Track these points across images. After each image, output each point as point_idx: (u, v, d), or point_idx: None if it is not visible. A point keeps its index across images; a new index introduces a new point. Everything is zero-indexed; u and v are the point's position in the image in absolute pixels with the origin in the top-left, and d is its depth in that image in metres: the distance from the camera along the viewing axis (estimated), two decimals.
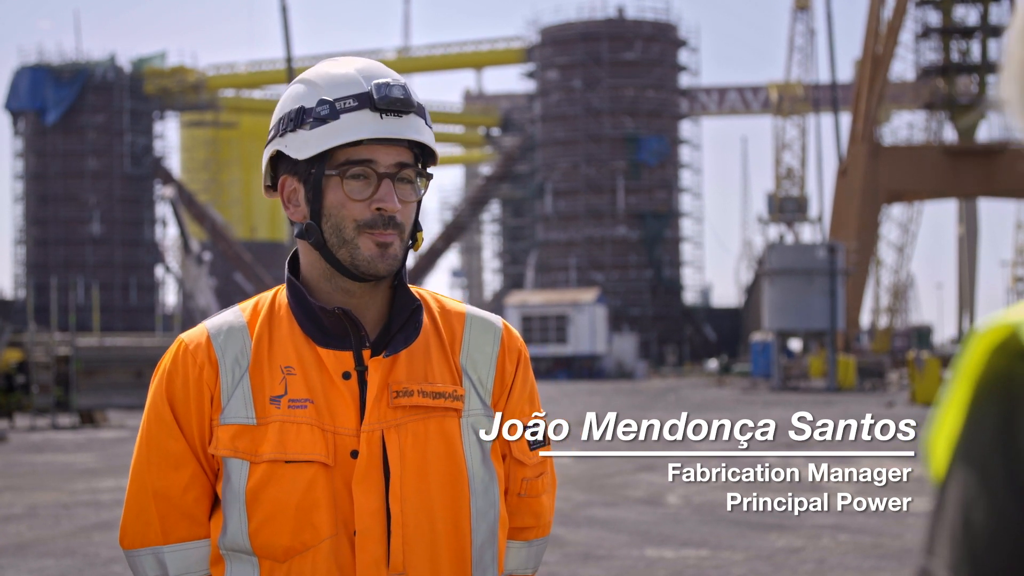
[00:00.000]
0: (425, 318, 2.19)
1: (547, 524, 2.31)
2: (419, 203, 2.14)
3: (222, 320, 2.16)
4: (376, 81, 2.07)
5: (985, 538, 0.78)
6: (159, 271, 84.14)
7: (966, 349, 0.82)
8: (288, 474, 2.04)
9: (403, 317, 2.14)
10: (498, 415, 2.20)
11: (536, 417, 2.26)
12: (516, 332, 2.28)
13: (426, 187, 2.13)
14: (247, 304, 2.19)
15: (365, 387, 2.09)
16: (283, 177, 2.13)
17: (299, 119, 2.08)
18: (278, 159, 2.14)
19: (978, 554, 0.78)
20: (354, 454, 2.06)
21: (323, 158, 2.06)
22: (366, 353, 2.10)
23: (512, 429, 2.21)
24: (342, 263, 2.08)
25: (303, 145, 2.07)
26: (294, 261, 2.18)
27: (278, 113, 2.14)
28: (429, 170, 2.14)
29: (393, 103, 2.05)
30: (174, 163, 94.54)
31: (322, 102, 2.06)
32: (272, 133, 2.14)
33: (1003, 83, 0.86)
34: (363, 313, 2.13)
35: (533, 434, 2.24)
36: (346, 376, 2.09)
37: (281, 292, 2.18)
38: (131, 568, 2.14)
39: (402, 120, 2.06)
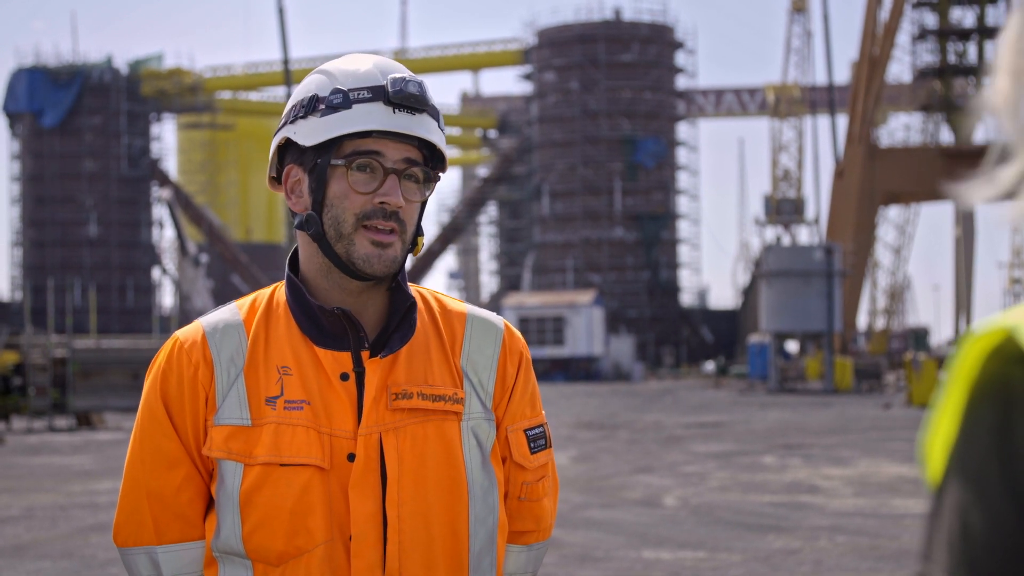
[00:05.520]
0: (425, 318, 2.15)
1: (548, 528, 2.27)
2: (423, 205, 2.10)
3: (218, 318, 2.12)
4: (393, 76, 2.05)
5: (982, 543, 0.78)
6: (156, 273, 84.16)
7: (960, 353, 0.82)
8: (283, 477, 2.00)
9: (399, 316, 2.10)
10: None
11: (537, 420, 2.22)
12: (518, 333, 2.23)
13: (432, 189, 2.10)
14: (244, 301, 2.15)
15: (363, 389, 2.05)
16: (288, 167, 2.09)
17: (311, 106, 2.05)
18: (285, 149, 2.11)
19: (975, 559, 0.78)
20: (351, 457, 2.03)
21: (330, 148, 2.03)
22: (364, 354, 2.07)
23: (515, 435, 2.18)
24: (339, 257, 2.04)
25: (312, 132, 2.03)
26: (295, 258, 2.14)
27: (291, 102, 2.10)
28: (439, 172, 2.11)
29: (407, 99, 2.02)
30: (171, 165, 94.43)
31: (336, 91, 2.04)
32: (283, 121, 2.11)
33: (994, 89, 0.86)
34: (362, 313, 2.09)
35: (534, 437, 2.21)
36: (344, 377, 2.05)
37: (280, 289, 2.14)
38: (125, 566, 2.11)
39: (414, 118, 2.03)
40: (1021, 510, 0.77)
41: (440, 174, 2.11)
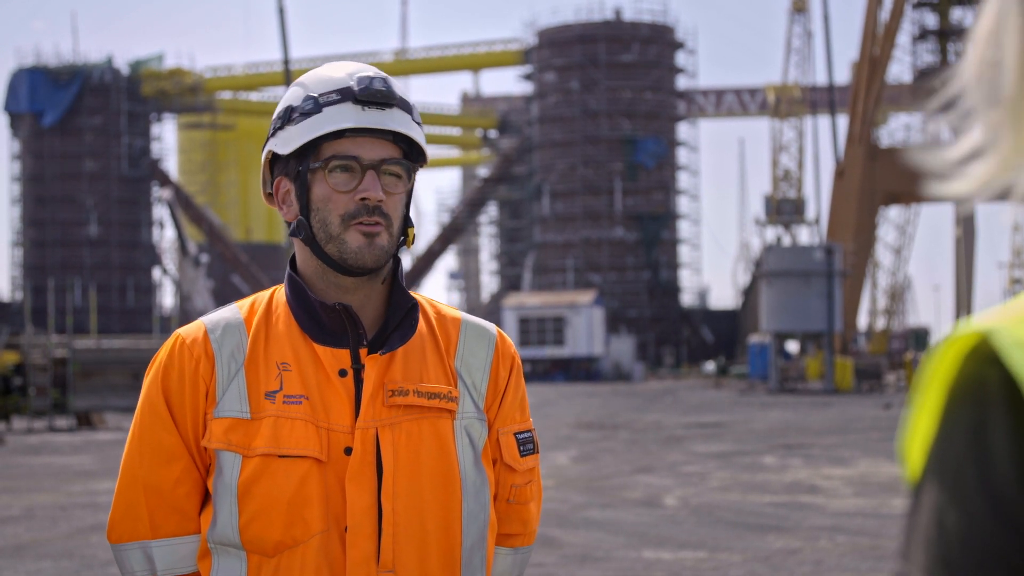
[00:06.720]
0: (421, 320, 2.21)
1: (532, 532, 2.32)
2: (409, 196, 2.16)
3: (219, 316, 2.18)
4: (359, 75, 2.11)
5: (958, 543, 0.79)
6: (156, 273, 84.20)
7: (938, 355, 0.83)
8: (281, 469, 2.05)
9: (399, 315, 2.15)
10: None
11: (526, 425, 2.28)
12: (509, 339, 2.30)
13: (413, 181, 2.15)
14: (244, 302, 2.21)
15: (361, 385, 2.10)
16: (278, 179, 2.16)
17: (287, 117, 2.13)
18: (274, 164, 2.17)
19: (951, 558, 0.79)
20: (348, 451, 2.07)
21: (309, 154, 2.10)
22: (363, 351, 2.12)
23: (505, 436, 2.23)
24: (331, 257, 2.10)
25: (288, 140, 2.11)
26: (294, 262, 2.20)
27: (273, 117, 2.19)
28: (419, 165, 2.16)
29: (374, 95, 2.08)
30: (171, 165, 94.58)
31: (307, 98, 2.11)
32: (267, 137, 2.19)
33: (967, 86, 0.85)
34: (360, 311, 2.14)
35: (523, 441, 2.26)
36: (342, 373, 2.10)
37: (279, 290, 2.20)
38: (118, 562, 2.14)
39: (385, 113, 2.09)
40: (996, 510, 0.78)
41: (425, 170, 2.17)
